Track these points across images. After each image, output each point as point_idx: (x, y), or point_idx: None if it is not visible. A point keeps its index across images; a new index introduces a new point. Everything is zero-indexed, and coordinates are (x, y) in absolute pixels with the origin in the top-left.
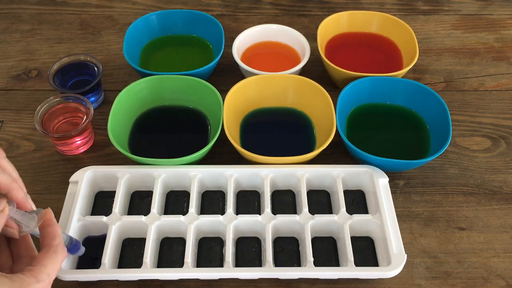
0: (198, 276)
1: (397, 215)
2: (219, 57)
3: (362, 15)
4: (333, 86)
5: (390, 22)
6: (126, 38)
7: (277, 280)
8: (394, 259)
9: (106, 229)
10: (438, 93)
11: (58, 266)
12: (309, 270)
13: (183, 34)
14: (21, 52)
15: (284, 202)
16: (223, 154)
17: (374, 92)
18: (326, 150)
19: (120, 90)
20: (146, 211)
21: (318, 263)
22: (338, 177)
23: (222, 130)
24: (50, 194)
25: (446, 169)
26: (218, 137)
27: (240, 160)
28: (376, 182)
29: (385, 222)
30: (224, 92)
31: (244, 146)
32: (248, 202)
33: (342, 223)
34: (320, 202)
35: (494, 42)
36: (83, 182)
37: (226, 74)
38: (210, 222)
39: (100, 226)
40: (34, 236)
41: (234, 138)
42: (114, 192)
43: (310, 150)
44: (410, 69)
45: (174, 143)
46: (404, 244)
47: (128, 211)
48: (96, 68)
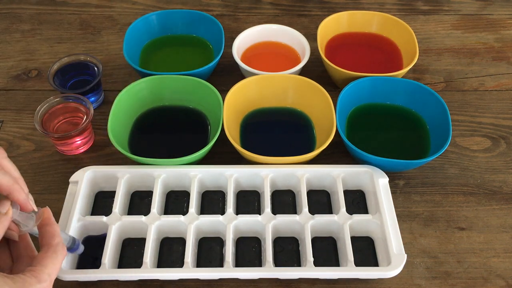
0: (198, 276)
1: (397, 215)
2: (219, 57)
3: (362, 15)
4: (333, 86)
5: (390, 22)
6: (126, 38)
7: (277, 280)
8: (394, 259)
9: (106, 229)
10: (438, 93)
11: (58, 266)
12: (309, 270)
13: (183, 34)
14: (21, 52)
15: (284, 202)
16: (223, 154)
17: (374, 92)
18: (326, 150)
19: (120, 90)
20: (146, 211)
21: (318, 263)
22: (338, 177)
23: (222, 130)
24: (50, 194)
25: (446, 169)
26: (218, 137)
27: (240, 160)
28: (376, 182)
29: (385, 222)
30: (224, 92)
31: (244, 146)
32: (248, 202)
33: (342, 223)
34: (320, 202)
35: (494, 42)
36: (83, 182)
37: (226, 74)
38: (210, 222)
39: (100, 226)
40: (33, 235)
41: (234, 138)
42: (114, 192)
43: (310, 150)
44: (410, 69)
45: (174, 143)
46: (404, 244)
47: (128, 211)
48: (96, 68)
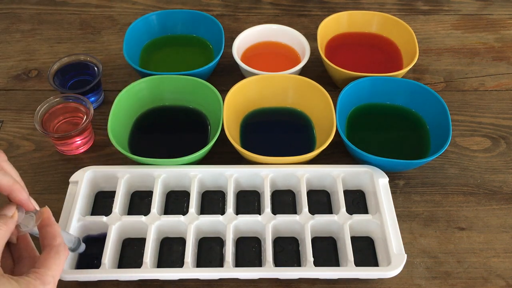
0: (198, 276)
1: (397, 215)
2: (219, 57)
3: (362, 15)
4: (333, 86)
5: (390, 22)
6: (126, 38)
7: (277, 280)
8: (394, 259)
9: (106, 229)
10: (438, 93)
11: (62, 267)
12: (309, 270)
13: (183, 34)
14: (21, 52)
15: (284, 202)
16: (223, 154)
17: (374, 92)
18: (326, 150)
19: (120, 90)
20: (146, 211)
21: (318, 263)
22: (338, 177)
23: (222, 130)
24: (50, 194)
25: (446, 169)
26: (218, 137)
27: (240, 160)
28: (376, 182)
29: (385, 222)
30: (224, 92)
31: (244, 146)
32: (248, 202)
33: (342, 223)
34: (320, 202)
35: (494, 42)
36: (83, 182)
37: (226, 74)
38: (210, 222)
39: (100, 226)
40: (33, 235)
41: (234, 138)
42: (114, 192)
43: (310, 150)
44: (410, 69)
45: (174, 143)
46: (404, 244)
47: (128, 211)
48: (96, 68)
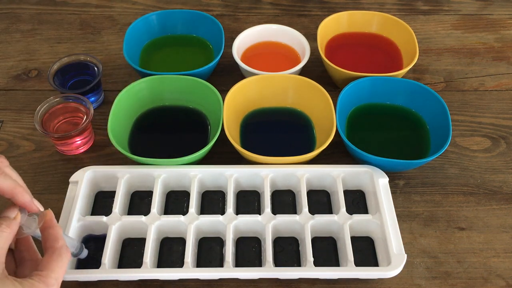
0: (198, 276)
1: (397, 215)
2: (219, 57)
3: (362, 15)
4: (333, 86)
5: (390, 22)
6: (126, 38)
7: (277, 280)
8: (394, 259)
9: (106, 229)
10: (438, 93)
11: (64, 269)
12: (309, 270)
13: (183, 34)
14: (21, 52)
15: (284, 202)
16: (223, 154)
17: (374, 92)
18: (326, 150)
19: (120, 90)
20: (146, 211)
21: (318, 263)
22: (338, 177)
23: (222, 130)
24: (50, 194)
25: (446, 169)
26: (218, 137)
27: (240, 160)
28: (376, 182)
29: (385, 222)
30: (224, 92)
31: (244, 146)
32: (248, 202)
33: (342, 223)
34: (320, 202)
35: (494, 42)
36: (83, 182)
37: (226, 74)
38: (210, 222)
39: (100, 226)
40: (35, 238)
41: (234, 138)
42: (114, 192)
43: (310, 150)
44: (410, 69)
45: (174, 143)
46: (404, 244)
47: (128, 211)
48: (96, 68)
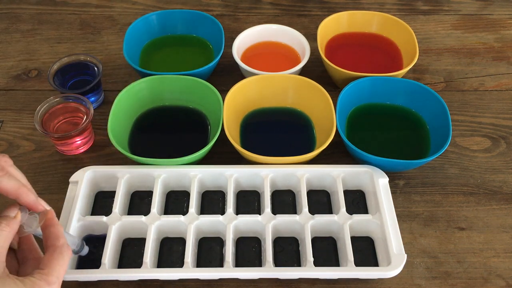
0: (198, 276)
1: (397, 215)
2: (219, 57)
3: (362, 15)
4: (333, 86)
5: (390, 22)
6: (126, 38)
7: (277, 280)
8: (394, 259)
9: (106, 229)
10: (438, 93)
11: (65, 267)
12: (309, 270)
13: (183, 34)
14: (21, 52)
15: (284, 202)
16: (223, 154)
17: (374, 92)
18: (326, 150)
19: (120, 90)
20: (146, 211)
21: (318, 263)
22: (338, 177)
23: (222, 130)
24: (50, 194)
25: (446, 169)
26: (218, 137)
27: (240, 160)
28: (376, 182)
29: (385, 222)
30: (224, 92)
31: (244, 146)
32: (248, 202)
33: (342, 223)
34: (320, 202)
35: (494, 42)
36: (83, 182)
37: (226, 74)
38: (210, 222)
39: (100, 226)
40: (37, 236)
41: (234, 138)
42: (114, 192)
43: (310, 150)
44: (410, 69)
45: (174, 143)
46: (404, 244)
47: (128, 211)
48: (96, 68)
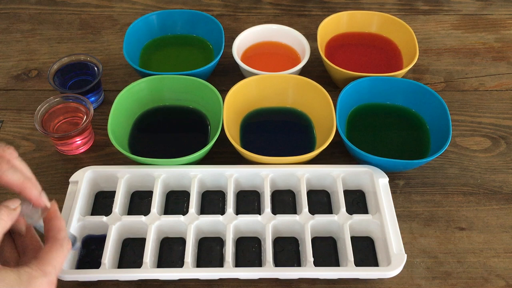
0: (198, 276)
1: (397, 215)
2: (219, 57)
3: (362, 15)
4: (333, 86)
5: (390, 22)
6: (126, 38)
7: (277, 280)
8: (394, 259)
9: (106, 229)
10: (438, 93)
11: (63, 260)
12: (309, 270)
13: (183, 34)
14: (21, 52)
15: (284, 202)
16: (223, 154)
17: (374, 92)
18: (326, 150)
19: (120, 90)
20: (146, 211)
21: (318, 263)
22: (338, 177)
23: (222, 130)
24: (50, 194)
25: (446, 169)
26: (218, 137)
27: (240, 160)
28: (376, 182)
29: (385, 222)
30: (224, 92)
31: (244, 146)
32: (248, 202)
33: (342, 223)
34: (320, 202)
35: (494, 42)
36: (83, 182)
37: (226, 74)
38: (210, 222)
39: (100, 226)
40: (38, 230)
41: (234, 138)
42: (114, 192)
43: (310, 150)
44: (410, 69)
45: (174, 143)
46: (404, 244)
47: (128, 211)
48: (96, 68)
